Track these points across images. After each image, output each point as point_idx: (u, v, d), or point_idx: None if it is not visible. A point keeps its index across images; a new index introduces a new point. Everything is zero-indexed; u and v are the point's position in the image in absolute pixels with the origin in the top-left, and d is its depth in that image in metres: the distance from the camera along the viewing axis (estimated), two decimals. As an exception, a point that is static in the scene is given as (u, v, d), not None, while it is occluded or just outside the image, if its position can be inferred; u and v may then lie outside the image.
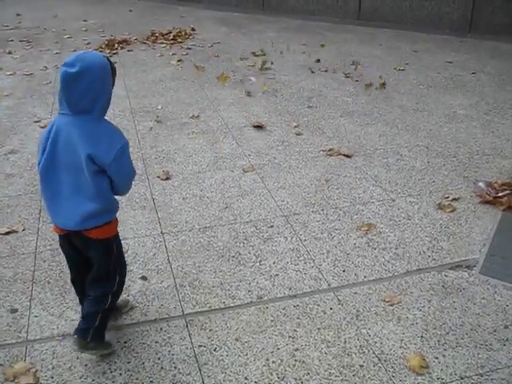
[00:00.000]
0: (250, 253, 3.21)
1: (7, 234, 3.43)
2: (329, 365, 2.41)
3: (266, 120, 5.14)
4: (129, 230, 3.41)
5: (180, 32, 8.55)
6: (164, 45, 8.00)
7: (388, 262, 3.11)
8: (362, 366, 2.40)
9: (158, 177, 4.10)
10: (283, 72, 6.61)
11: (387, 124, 5.04)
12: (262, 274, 3.02)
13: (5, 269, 3.10)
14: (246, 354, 2.47)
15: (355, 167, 4.22)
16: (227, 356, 2.47)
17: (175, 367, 2.41)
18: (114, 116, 5.10)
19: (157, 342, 2.55)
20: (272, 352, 2.48)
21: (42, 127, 5.00)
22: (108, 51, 7.58)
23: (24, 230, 3.48)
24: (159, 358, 2.46)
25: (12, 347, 2.54)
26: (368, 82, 6.11)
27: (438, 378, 2.33)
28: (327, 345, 2.52)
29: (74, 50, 7.58)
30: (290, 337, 2.57)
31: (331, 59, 7.07)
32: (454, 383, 2.32)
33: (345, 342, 2.53)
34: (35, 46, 8.09)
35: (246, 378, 2.35)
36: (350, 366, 2.41)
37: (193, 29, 8.77)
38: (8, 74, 6.77)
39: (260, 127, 5.00)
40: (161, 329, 2.64)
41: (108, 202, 2.28)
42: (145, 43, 8.13)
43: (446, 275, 2.99)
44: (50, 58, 7.41)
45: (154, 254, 3.20)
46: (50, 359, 2.46)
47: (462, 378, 2.33)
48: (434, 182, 3.99)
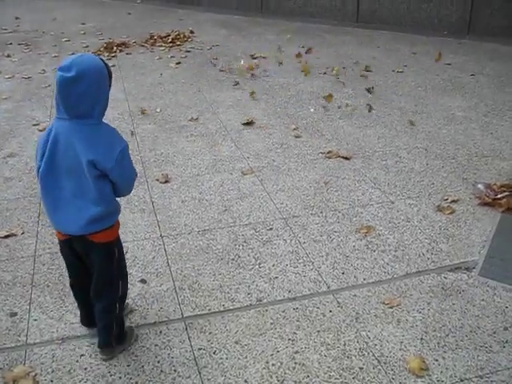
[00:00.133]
0: (249, 255, 3.21)
1: (6, 237, 3.43)
2: (328, 367, 2.41)
3: (264, 122, 5.14)
4: (128, 233, 3.41)
5: (179, 35, 8.54)
6: (163, 48, 8.00)
7: (387, 264, 3.11)
8: (361, 369, 2.40)
9: (157, 180, 4.10)
10: (282, 74, 6.61)
11: (386, 126, 5.05)
12: (261, 276, 3.02)
13: (4, 272, 3.09)
14: (246, 357, 2.47)
15: (354, 169, 4.23)
16: (227, 359, 2.47)
17: (175, 370, 2.41)
18: (113, 119, 5.10)
19: (156, 345, 2.55)
20: (272, 355, 2.48)
21: (40, 130, 5.01)
22: (106, 54, 7.58)
23: (23, 233, 3.48)
24: (159, 361, 2.46)
25: (11, 351, 2.54)
26: (366, 84, 6.12)
27: (438, 381, 2.33)
28: (327, 347, 2.52)
29: (73, 53, 7.55)
30: (289, 339, 2.57)
31: (330, 61, 7.08)
32: (453, 385, 2.32)
33: (344, 345, 2.53)
34: (34, 49, 8.09)
35: (245, 381, 2.35)
36: (349, 368, 2.41)
37: (192, 31, 8.77)
38: (7, 77, 6.77)
39: (250, 124, 5.06)
40: (160, 332, 2.63)
41: (110, 205, 2.28)
42: (143, 46, 8.13)
43: (445, 277, 2.99)
44: (48, 61, 7.41)
45: (154, 257, 3.20)
46: (49, 363, 2.46)
47: (462, 380, 2.33)
48: (433, 183, 3.99)
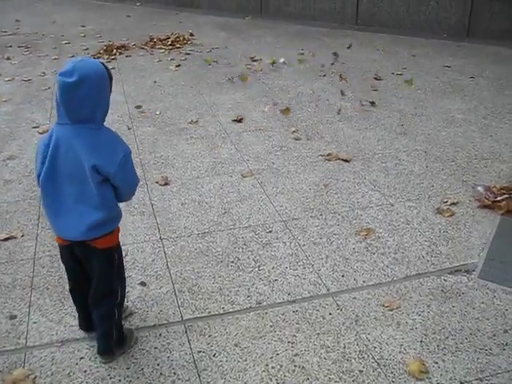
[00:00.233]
0: (248, 258, 3.21)
1: (6, 240, 3.43)
2: (328, 370, 2.41)
3: (264, 125, 5.15)
4: (128, 236, 3.41)
5: (178, 37, 8.55)
6: (162, 50, 8.01)
7: (387, 266, 3.11)
8: (361, 372, 2.40)
9: (157, 182, 4.10)
10: (281, 77, 6.62)
11: (385, 129, 5.05)
12: (261, 279, 3.02)
13: (3, 275, 3.09)
14: (246, 360, 2.47)
15: (354, 172, 4.23)
16: (226, 361, 2.46)
17: (174, 373, 2.41)
18: (113, 121, 5.10)
19: (156, 348, 2.55)
20: (271, 357, 2.48)
21: (40, 133, 5.01)
22: (106, 57, 7.59)
23: (23, 235, 3.47)
24: (158, 364, 2.46)
25: (11, 354, 2.53)
26: (366, 86, 6.12)
27: (438, 383, 2.33)
28: (326, 350, 2.52)
29: (73, 56, 7.60)
30: (289, 342, 2.57)
31: (329, 64, 7.08)
32: (453, 388, 2.32)
33: (344, 347, 2.53)
34: (34, 51, 8.10)
35: (245, 384, 2.35)
36: (349, 371, 2.40)
37: (191, 34, 8.78)
38: (6, 79, 6.78)
39: (239, 121, 5.17)
40: (160, 334, 2.63)
41: (112, 210, 2.28)
42: (143, 49, 8.14)
43: (445, 280, 2.99)
44: (48, 64, 7.41)
45: (153, 260, 3.20)
46: (48, 365, 2.46)
47: (462, 383, 2.33)
48: (432, 186, 4.00)
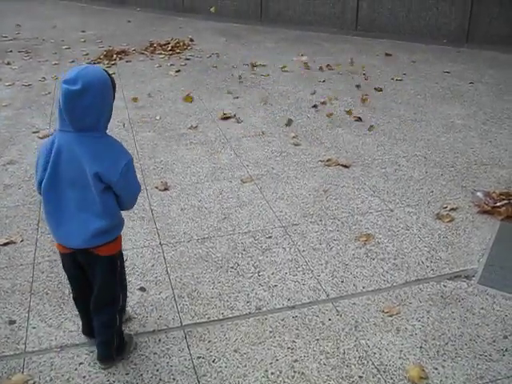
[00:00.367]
0: (248, 264, 3.20)
1: (5, 244, 3.42)
2: (328, 376, 2.40)
3: (264, 130, 5.15)
4: (127, 241, 3.40)
5: (178, 43, 8.58)
6: (162, 56, 8.03)
7: (387, 272, 3.11)
8: (361, 377, 2.39)
9: (157, 187, 4.10)
10: (281, 82, 6.64)
11: (385, 134, 5.06)
12: (260, 284, 3.02)
13: (3, 280, 3.09)
14: (245, 366, 2.47)
15: (353, 177, 4.23)
16: (226, 367, 2.46)
17: (174, 379, 2.40)
18: (113, 127, 5.11)
19: (155, 354, 2.54)
20: (271, 363, 2.48)
21: (40, 138, 5.02)
22: (106, 62, 7.61)
23: (22, 240, 3.47)
24: (158, 370, 2.45)
25: (10, 359, 2.53)
26: (366, 92, 6.14)
27: (438, 389, 2.33)
28: (326, 356, 2.51)
29: (73, 61, 7.62)
30: (288, 348, 2.56)
31: (329, 70, 7.10)
32: (453, 394, 2.32)
33: (344, 353, 2.53)
34: (34, 56, 8.12)
35: (244, 390, 2.35)
36: (349, 377, 2.40)
37: (191, 39, 8.81)
38: (7, 84, 6.80)
39: (227, 119, 5.31)
40: (159, 340, 2.63)
41: (115, 218, 2.27)
42: (143, 54, 8.17)
43: (444, 285, 2.99)
44: (48, 69, 7.44)
45: (153, 265, 3.20)
46: (47, 371, 2.45)
47: (462, 389, 2.33)
48: (432, 191, 4.00)
